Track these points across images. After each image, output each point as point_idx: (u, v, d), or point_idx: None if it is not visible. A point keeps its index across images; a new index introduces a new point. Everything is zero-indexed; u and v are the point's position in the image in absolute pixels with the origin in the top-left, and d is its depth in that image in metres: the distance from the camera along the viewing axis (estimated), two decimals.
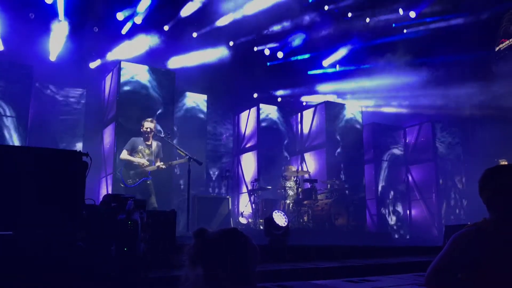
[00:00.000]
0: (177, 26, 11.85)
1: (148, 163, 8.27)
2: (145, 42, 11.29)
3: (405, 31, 14.14)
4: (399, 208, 14.86)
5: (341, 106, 12.96)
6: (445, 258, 2.22)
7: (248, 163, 13.19)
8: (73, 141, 10.90)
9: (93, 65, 11.18)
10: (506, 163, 9.91)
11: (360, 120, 13.17)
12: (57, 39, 10.51)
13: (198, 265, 1.62)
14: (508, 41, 14.00)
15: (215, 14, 11.78)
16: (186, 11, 11.73)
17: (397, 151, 15.32)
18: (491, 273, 2.11)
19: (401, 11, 13.59)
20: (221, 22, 12.02)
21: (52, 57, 10.58)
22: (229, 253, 1.59)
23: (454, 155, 13.55)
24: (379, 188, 14.80)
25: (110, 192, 8.99)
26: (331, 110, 12.70)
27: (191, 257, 1.64)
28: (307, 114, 13.44)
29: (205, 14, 11.69)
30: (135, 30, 11.38)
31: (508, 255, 2.11)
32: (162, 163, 8.42)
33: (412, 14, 13.69)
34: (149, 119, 8.52)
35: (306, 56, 14.05)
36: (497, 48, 14.08)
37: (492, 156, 11.06)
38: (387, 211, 14.69)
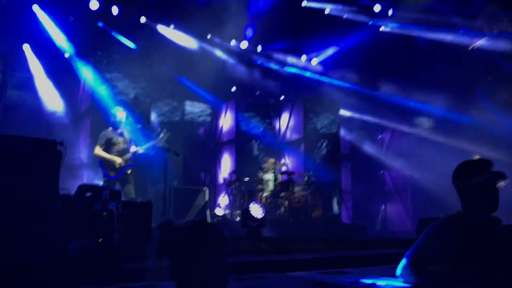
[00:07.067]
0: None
1: (121, 160, 7.80)
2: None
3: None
4: (374, 202, 15.03)
5: (320, 101, 13.00)
6: (418, 250, 2.27)
7: (226, 155, 13.17)
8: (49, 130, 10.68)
9: (68, 55, 10.92)
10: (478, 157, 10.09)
11: (338, 114, 13.26)
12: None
13: (164, 258, 1.61)
14: (480, 41, 14.21)
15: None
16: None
17: (373, 145, 15.47)
18: (460, 262, 2.18)
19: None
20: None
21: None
22: (198, 245, 1.58)
23: (429, 149, 13.67)
24: (355, 182, 14.96)
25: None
26: (309, 105, 12.76)
27: (156, 250, 1.64)
28: (286, 108, 13.48)
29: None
30: (111, 20, 11.15)
31: (474, 245, 2.19)
32: (136, 147, 7.99)
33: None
34: (120, 108, 8.20)
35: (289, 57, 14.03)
36: (470, 47, 14.28)
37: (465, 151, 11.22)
38: (362, 204, 14.85)
